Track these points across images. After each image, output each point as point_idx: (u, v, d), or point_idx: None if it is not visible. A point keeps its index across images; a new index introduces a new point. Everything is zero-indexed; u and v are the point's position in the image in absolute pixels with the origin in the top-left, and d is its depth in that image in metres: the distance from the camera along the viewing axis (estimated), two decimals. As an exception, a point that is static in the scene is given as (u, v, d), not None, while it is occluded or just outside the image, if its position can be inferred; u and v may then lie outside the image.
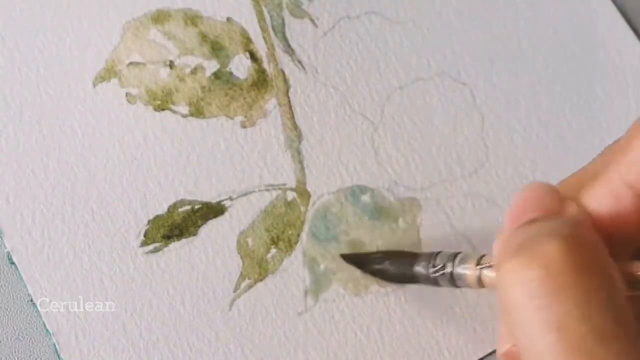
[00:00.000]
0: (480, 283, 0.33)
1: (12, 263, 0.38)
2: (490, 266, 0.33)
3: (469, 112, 0.43)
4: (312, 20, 0.43)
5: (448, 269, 0.34)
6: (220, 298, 0.39)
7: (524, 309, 0.28)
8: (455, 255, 0.34)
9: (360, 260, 0.39)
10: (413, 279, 0.37)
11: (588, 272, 0.28)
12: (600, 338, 0.27)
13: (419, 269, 0.36)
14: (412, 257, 0.37)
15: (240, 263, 0.40)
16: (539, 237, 0.29)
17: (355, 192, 0.41)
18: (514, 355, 0.31)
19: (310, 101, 0.42)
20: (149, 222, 0.40)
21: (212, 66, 0.42)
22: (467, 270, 0.33)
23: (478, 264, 0.33)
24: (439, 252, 0.36)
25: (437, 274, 0.35)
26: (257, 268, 0.40)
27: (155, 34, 0.42)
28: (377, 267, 0.39)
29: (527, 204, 0.32)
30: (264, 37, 0.43)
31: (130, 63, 0.41)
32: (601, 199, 0.31)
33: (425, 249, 0.41)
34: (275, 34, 0.43)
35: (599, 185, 0.31)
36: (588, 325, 0.27)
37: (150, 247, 0.39)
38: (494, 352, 0.40)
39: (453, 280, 0.34)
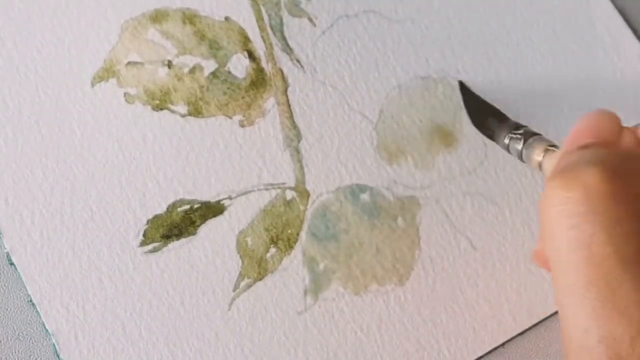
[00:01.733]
0: (541, 167, 0.38)
1: (12, 263, 0.38)
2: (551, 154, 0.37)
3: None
4: (310, 19, 0.43)
5: (519, 146, 0.39)
6: (220, 297, 0.39)
7: (557, 225, 0.31)
8: (531, 135, 0.39)
9: (469, 95, 0.43)
10: (492, 137, 0.42)
11: (621, 202, 0.30)
12: (621, 261, 0.29)
13: (501, 132, 0.41)
14: (501, 119, 0.42)
15: (240, 262, 0.40)
16: (582, 163, 0.31)
17: (354, 190, 0.41)
18: (541, 255, 0.34)
19: (309, 100, 0.42)
20: (148, 221, 0.40)
21: (210, 65, 0.42)
22: (533, 154, 0.38)
23: (544, 152, 0.38)
24: (523, 127, 0.40)
25: (510, 145, 0.40)
26: (256, 267, 0.40)
27: (154, 34, 0.42)
28: (476, 108, 0.43)
29: (585, 129, 0.34)
30: (262, 37, 0.43)
31: (129, 63, 0.41)
32: None
33: (424, 247, 0.41)
34: (274, 33, 0.43)
35: None
36: (612, 248, 0.29)
37: (150, 246, 0.39)
38: (493, 350, 0.40)
39: (521, 155, 0.39)
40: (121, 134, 0.41)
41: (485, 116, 0.42)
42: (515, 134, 0.40)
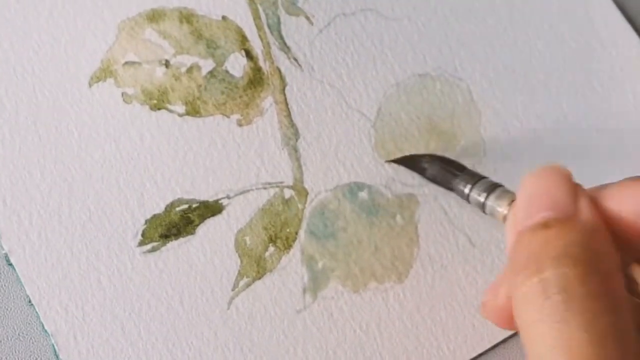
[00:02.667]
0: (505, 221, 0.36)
1: (10, 264, 0.38)
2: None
3: (465, 107, 0.43)
4: (307, 18, 0.43)
5: (482, 198, 0.37)
6: (219, 297, 0.39)
7: (535, 327, 0.30)
8: (494, 188, 0.37)
9: (408, 160, 0.41)
10: (450, 188, 0.39)
11: (596, 298, 0.30)
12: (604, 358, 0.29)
13: (459, 183, 0.38)
14: (457, 168, 0.39)
15: (239, 261, 0.40)
16: (552, 259, 0.31)
17: (352, 188, 0.41)
18: (492, 307, 0.35)
19: (307, 99, 0.42)
20: (146, 221, 0.40)
21: (207, 65, 0.42)
22: (498, 207, 0.36)
23: (509, 204, 0.35)
24: (483, 177, 0.38)
25: (471, 196, 0.38)
26: (255, 266, 0.40)
27: (151, 33, 0.42)
28: (423, 166, 0.41)
29: (540, 197, 0.33)
30: (259, 35, 0.43)
31: (126, 63, 0.41)
32: (624, 199, 0.32)
33: (423, 245, 0.41)
34: (271, 32, 0.43)
35: (621, 186, 0.33)
36: (592, 349, 0.29)
37: (148, 246, 0.39)
38: (492, 348, 0.40)
39: (483, 208, 0.37)
40: (119, 134, 0.41)
41: (436, 166, 0.40)
42: (476, 184, 0.38)
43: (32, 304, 0.38)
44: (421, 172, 0.41)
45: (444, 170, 0.40)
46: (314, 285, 0.40)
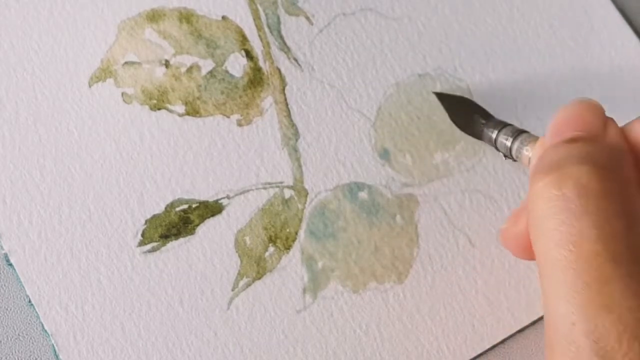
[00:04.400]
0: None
1: (10, 264, 0.38)
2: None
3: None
4: (307, 18, 0.43)
5: (508, 142, 0.38)
6: (219, 297, 0.39)
7: (547, 221, 0.30)
8: (520, 133, 0.38)
9: (447, 98, 0.42)
10: (478, 134, 0.41)
11: (611, 200, 0.30)
12: (611, 258, 0.29)
13: (487, 130, 0.40)
14: (484, 115, 0.41)
15: (238, 261, 0.40)
16: (573, 159, 0.31)
17: (352, 188, 0.41)
18: (512, 234, 0.35)
19: (307, 98, 0.42)
20: (146, 221, 0.40)
21: (207, 65, 0.42)
22: (524, 150, 0.37)
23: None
24: (509, 124, 0.39)
25: (498, 141, 0.39)
26: (255, 266, 0.40)
27: (151, 33, 0.42)
28: (455, 109, 0.42)
29: (569, 121, 0.34)
30: (259, 35, 0.43)
31: (126, 63, 0.41)
32: None
33: (423, 245, 0.41)
34: (271, 32, 0.43)
35: None
36: (601, 245, 0.29)
37: (148, 246, 0.39)
38: (492, 348, 0.40)
39: (510, 152, 0.38)
40: (119, 134, 0.41)
41: (469, 115, 0.41)
42: (502, 131, 0.39)
43: (32, 304, 0.38)
44: (452, 115, 0.42)
45: (471, 118, 0.41)
46: (313, 285, 0.40)
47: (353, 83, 0.43)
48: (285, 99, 0.42)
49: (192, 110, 0.41)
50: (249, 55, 0.42)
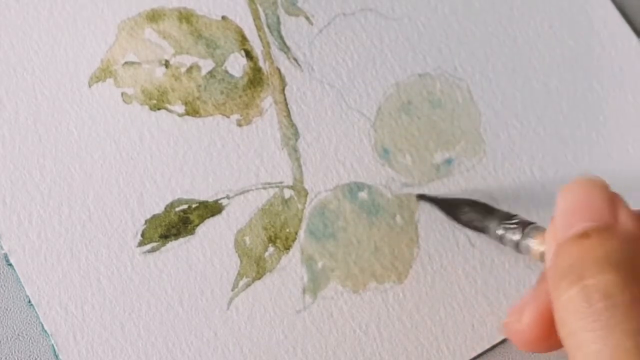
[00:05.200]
0: (542, 258, 0.35)
1: (10, 264, 0.38)
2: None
3: (465, 107, 0.43)
4: (307, 18, 0.43)
5: (516, 237, 0.37)
6: (219, 297, 0.39)
7: (580, 336, 0.30)
8: (527, 225, 0.37)
9: (439, 201, 0.41)
10: (482, 229, 0.39)
11: (638, 308, 0.29)
12: None
13: (491, 224, 0.38)
14: (487, 210, 0.39)
15: (238, 262, 0.40)
16: (593, 265, 0.30)
17: (352, 188, 0.41)
18: (514, 328, 0.34)
19: (306, 99, 0.42)
20: (146, 221, 0.40)
21: (207, 65, 0.42)
22: (533, 245, 0.36)
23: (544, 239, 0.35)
24: (514, 215, 0.38)
25: (505, 236, 0.38)
26: (254, 266, 0.40)
27: (150, 33, 0.42)
28: (456, 210, 0.40)
29: (577, 208, 0.33)
30: (259, 35, 0.43)
31: (126, 63, 0.41)
32: None
33: (423, 245, 0.41)
34: (271, 32, 0.43)
35: None
36: (637, 355, 0.29)
37: (148, 246, 0.39)
38: (491, 348, 0.40)
39: (518, 247, 0.37)
40: (119, 134, 0.41)
41: (469, 211, 0.40)
42: (509, 224, 0.38)
43: (32, 304, 0.38)
44: (454, 217, 0.40)
45: (475, 214, 0.40)
46: (313, 285, 0.40)
47: (353, 83, 0.43)
48: (285, 99, 0.42)
49: (192, 110, 0.41)
50: (249, 55, 0.42)
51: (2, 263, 0.39)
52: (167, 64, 0.41)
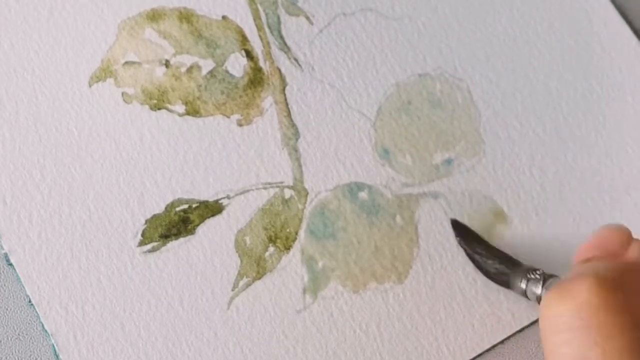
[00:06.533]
0: None
1: (10, 264, 0.38)
2: None
3: (465, 107, 0.43)
4: (307, 18, 0.43)
5: (538, 290, 0.37)
6: (219, 297, 0.39)
7: (551, 341, 0.30)
8: (549, 277, 0.37)
9: (469, 244, 0.41)
10: (506, 283, 0.39)
11: (616, 314, 0.30)
12: None
13: (515, 279, 0.39)
14: (513, 264, 0.39)
15: (238, 261, 0.40)
16: (577, 276, 0.31)
17: (352, 188, 0.41)
18: None
19: (307, 98, 0.42)
20: (146, 221, 0.40)
21: (207, 65, 0.42)
22: None
23: None
24: (536, 270, 0.38)
25: (525, 288, 0.38)
26: (255, 266, 0.40)
27: (151, 33, 0.42)
28: (478, 259, 0.40)
29: (593, 244, 0.34)
30: (259, 35, 0.43)
31: (126, 62, 0.41)
32: None
33: (423, 245, 0.41)
34: (271, 32, 0.43)
35: None
36: None
37: (148, 246, 0.39)
38: (491, 348, 0.40)
39: (540, 299, 0.37)
40: (119, 134, 0.41)
41: (494, 262, 0.40)
42: (532, 276, 0.38)
43: (32, 304, 0.38)
44: (479, 267, 0.41)
45: (499, 267, 0.40)
46: (314, 285, 0.40)
47: (353, 83, 0.43)
48: (286, 99, 0.42)
49: (192, 110, 0.41)
50: (249, 55, 0.42)
51: (2, 263, 0.39)
52: (167, 64, 0.41)
